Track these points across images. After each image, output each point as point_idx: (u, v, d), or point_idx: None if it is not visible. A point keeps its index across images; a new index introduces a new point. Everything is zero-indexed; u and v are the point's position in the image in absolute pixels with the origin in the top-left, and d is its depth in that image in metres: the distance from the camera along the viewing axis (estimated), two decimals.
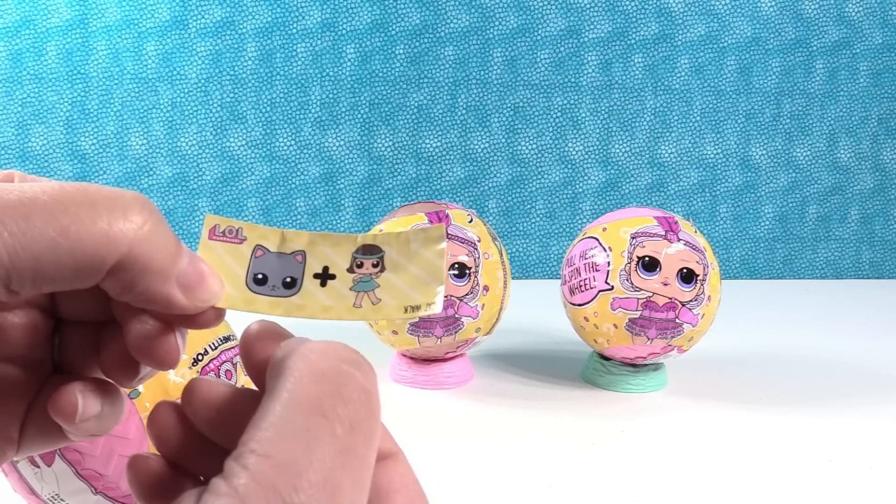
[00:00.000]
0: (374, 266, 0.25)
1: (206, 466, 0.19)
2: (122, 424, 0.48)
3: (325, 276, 0.25)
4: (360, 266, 0.25)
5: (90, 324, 0.24)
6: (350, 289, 0.24)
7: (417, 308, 0.24)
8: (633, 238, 0.91)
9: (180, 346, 0.23)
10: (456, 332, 0.91)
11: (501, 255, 0.95)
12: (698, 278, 0.90)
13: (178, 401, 0.23)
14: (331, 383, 0.19)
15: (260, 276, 0.24)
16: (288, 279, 0.24)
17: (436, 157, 1.63)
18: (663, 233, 0.91)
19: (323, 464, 0.18)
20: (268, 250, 0.25)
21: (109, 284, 0.21)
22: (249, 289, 0.24)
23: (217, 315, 0.23)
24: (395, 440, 0.23)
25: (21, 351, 0.23)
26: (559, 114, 1.65)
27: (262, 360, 0.22)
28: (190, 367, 0.53)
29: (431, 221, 0.91)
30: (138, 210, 0.20)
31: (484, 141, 1.64)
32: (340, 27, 1.58)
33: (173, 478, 0.23)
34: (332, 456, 0.18)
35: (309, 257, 0.25)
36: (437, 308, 0.24)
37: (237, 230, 0.25)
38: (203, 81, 1.56)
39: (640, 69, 1.65)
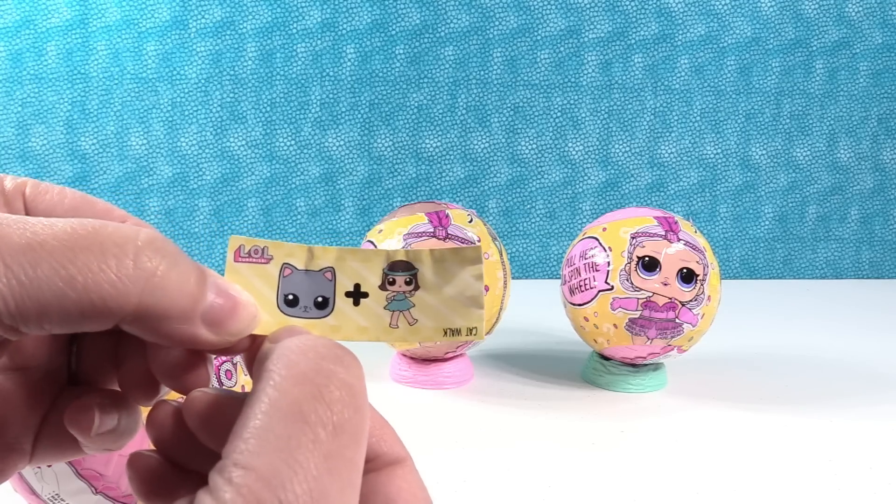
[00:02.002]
0: (408, 283, 0.24)
1: (206, 465, 0.19)
2: None
3: (357, 295, 0.24)
4: (393, 283, 0.24)
5: (109, 334, 0.24)
6: (384, 308, 0.24)
7: (458, 332, 0.24)
8: (633, 238, 0.90)
9: (210, 373, 0.23)
10: None
11: (501, 255, 0.95)
12: (698, 278, 0.89)
13: (176, 401, 0.23)
14: (311, 384, 0.19)
15: (291, 297, 0.24)
16: (319, 299, 0.24)
17: (436, 157, 1.63)
18: (663, 233, 0.91)
19: (308, 472, 0.17)
20: (295, 268, 0.24)
21: (128, 328, 0.20)
22: (282, 311, 0.23)
23: (252, 340, 0.22)
24: (404, 444, 0.22)
25: (37, 361, 0.23)
26: (559, 114, 1.65)
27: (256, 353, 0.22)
28: None
29: (431, 221, 0.91)
30: (150, 255, 0.20)
31: (484, 141, 1.64)
32: (340, 27, 1.58)
33: (173, 476, 0.22)
34: (316, 463, 0.18)
35: (338, 274, 0.24)
36: (479, 335, 0.24)
37: (262, 249, 0.24)
38: (203, 81, 1.56)
39: (640, 69, 1.65)
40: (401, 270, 0.24)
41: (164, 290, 0.20)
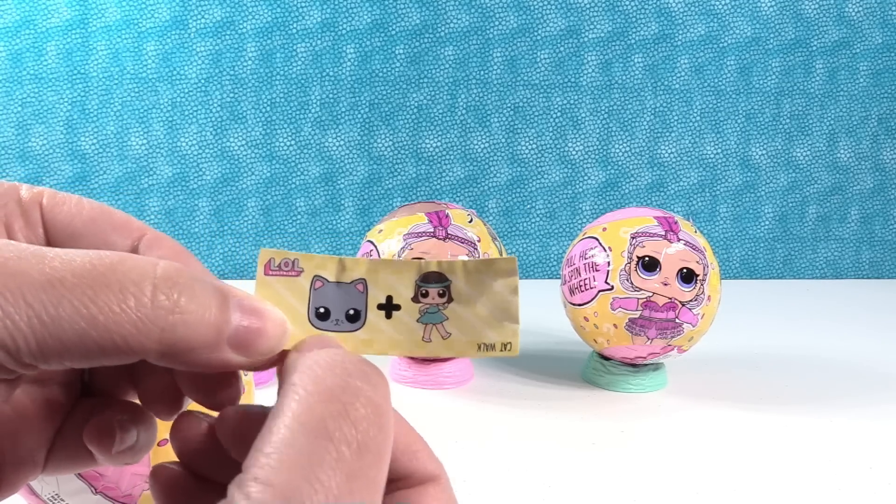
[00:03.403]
0: (441, 296, 0.24)
1: (230, 477, 0.18)
2: None
3: (389, 307, 0.24)
4: (426, 295, 0.24)
5: None
6: (417, 320, 0.24)
7: (492, 347, 0.23)
8: (633, 238, 0.90)
9: (241, 387, 0.22)
10: None
11: (501, 254, 0.95)
12: (698, 278, 0.89)
13: (200, 413, 0.23)
14: (337, 402, 0.18)
15: (322, 310, 0.23)
16: (351, 311, 0.24)
17: (436, 157, 1.63)
18: (663, 233, 0.91)
19: (329, 492, 0.17)
20: (326, 280, 0.24)
21: (154, 361, 0.20)
22: (313, 325, 0.23)
23: (284, 354, 0.22)
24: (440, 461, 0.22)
25: (52, 374, 0.23)
26: (559, 114, 1.65)
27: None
28: None
29: (431, 221, 0.91)
30: (167, 291, 0.19)
31: (484, 141, 1.64)
32: (340, 27, 1.57)
33: (197, 487, 0.22)
34: (338, 483, 0.17)
35: (370, 286, 0.24)
36: (514, 351, 0.23)
37: (293, 261, 0.24)
38: (203, 81, 1.55)
39: (640, 69, 1.65)
40: (434, 282, 0.24)
41: (185, 325, 0.19)
